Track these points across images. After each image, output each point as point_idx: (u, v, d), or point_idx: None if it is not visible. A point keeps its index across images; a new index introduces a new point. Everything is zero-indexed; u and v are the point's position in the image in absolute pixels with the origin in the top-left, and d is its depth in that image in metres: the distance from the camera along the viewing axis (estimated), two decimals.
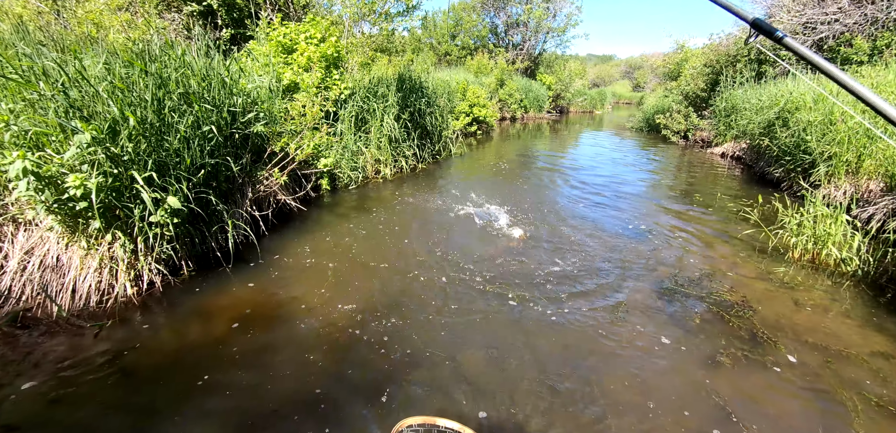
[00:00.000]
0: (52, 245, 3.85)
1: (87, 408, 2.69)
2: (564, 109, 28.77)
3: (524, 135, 16.74)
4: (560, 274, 4.62)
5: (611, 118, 26.95)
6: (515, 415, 2.67)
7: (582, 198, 7.61)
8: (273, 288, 4.16)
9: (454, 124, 11.73)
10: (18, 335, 3.40)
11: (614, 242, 5.59)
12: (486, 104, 15.55)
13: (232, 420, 2.63)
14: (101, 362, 3.09)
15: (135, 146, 3.69)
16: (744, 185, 8.80)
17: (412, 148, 9.12)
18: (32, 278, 3.78)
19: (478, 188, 8.18)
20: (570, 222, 6.27)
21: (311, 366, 3.11)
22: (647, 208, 7.14)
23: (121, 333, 3.42)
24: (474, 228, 5.84)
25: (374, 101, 8.06)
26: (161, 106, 3.94)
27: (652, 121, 17.48)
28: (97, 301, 3.80)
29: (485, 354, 3.31)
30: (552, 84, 25.44)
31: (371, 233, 5.57)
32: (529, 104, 22.29)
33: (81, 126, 3.33)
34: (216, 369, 3.05)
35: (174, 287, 4.10)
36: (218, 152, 4.55)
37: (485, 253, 5.03)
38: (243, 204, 5.09)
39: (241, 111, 5.02)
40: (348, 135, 7.69)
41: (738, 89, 12.01)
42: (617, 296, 4.21)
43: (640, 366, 3.22)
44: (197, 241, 4.47)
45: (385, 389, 2.92)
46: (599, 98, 33.09)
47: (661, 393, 2.97)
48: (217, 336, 3.41)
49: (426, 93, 9.43)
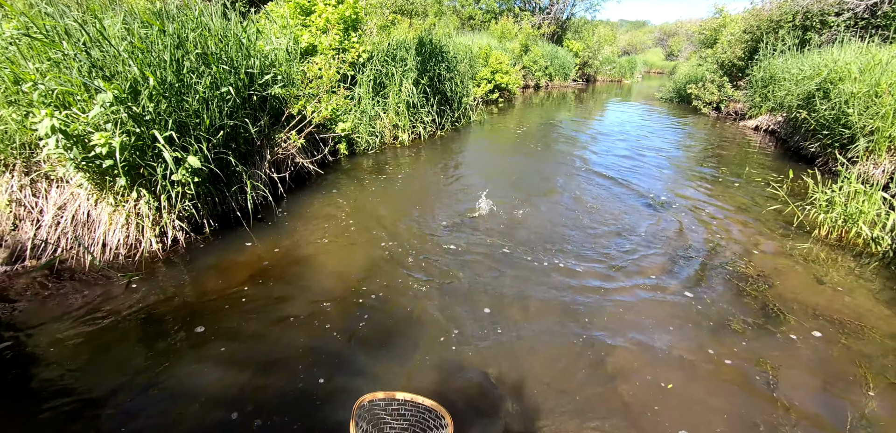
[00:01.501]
0: (82, 201, 4.04)
1: (118, 349, 2.89)
2: (591, 78, 27.83)
3: (547, 103, 16.35)
4: (575, 239, 4.58)
5: (640, 88, 25.97)
6: (518, 376, 2.71)
7: (604, 167, 7.43)
8: (289, 247, 4.28)
9: (475, 91, 11.53)
10: (55, 283, 3.63)
11: (634, 211, 5.49)
12: (508, 71, 15.19)
13: (247, 365, 2.78)
14: (130, 310, 3.29)
15: (155, 106, 3.79)
16: (775, 159, 8.43)
17: (431, 114, 9.04)
18: (66, 232, 4.00)
19: (497, 156, 8.10)
20: (590, 191, 6.17)
21: (322, 320, 3.23)
22: (670, 179, 6.94)
23: (148, 285, 3.61)
24: (490, 195, 5.81)
25: (393, 65, 7.98)
26: (179, 66, 4.01)
27: (683, 91, 16.76)
28: (126, 255, 4.01)
29: (491, 315, 3.35)
30: (579, 51, 24.54)
31: (387, 197, 5.62)
32: (554, 72, 21.64)
33: (104, 85, 3.43)
34: (234, 319, 3.20)
35: (196, 244, 4.27)
36: (236, 114, 4.63)
37: (499, 219, 5.02)
38: (262, 166, 5.20)
39: (258, 73, 5.06)
40: (366, 99, 7.68)
41: (778, 58, 11.34)
42: (631, 263, 4.17)
43: (648, 331, 3.20)
44: (217, 201, 4.62)
45: (392, 343, 3.02)
46: (629, 67, 31.77)
47: (668, 359, 2.96)
48: (235, 290, 3.56)
49: (446, 58, 9.27)
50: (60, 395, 2.53)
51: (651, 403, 2.59)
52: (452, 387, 2.66)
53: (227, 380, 2.67)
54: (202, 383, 2.64)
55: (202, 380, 2.67)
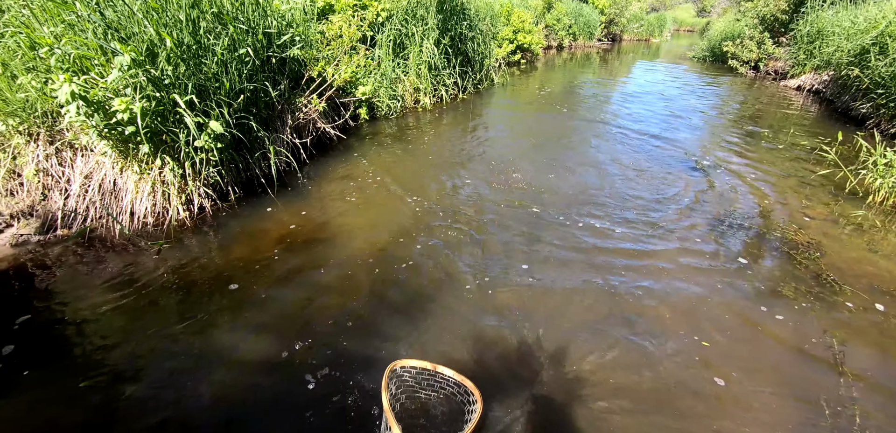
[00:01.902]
0: (107, 170, 4.01)
1: (150, 317, 2.88)
2: (617, 37, 26.57)
3: (571, 64, 15.71)
4: (608, 201, 4.38)
5: (669, 47, 24.71)
6: (553, 341, 2.59)
7: (637, 129, 7.09)
8: (314, 212, 4.21)
9: (497, 52, 11.08)
10: (86, 252, 3.63)
11: (666, 174, 5.23)
12: (531, 30, 14.56)
13: (275, 332, 2.75)
14: (161, 278, 3.27)
15: (174, 69, 3.67)
16: (821, 121, 7.90)
17: (453, 76, 8.73)
18: (94, 201, 3.99)
19: (522, 118, 7.81)
20: (622, 152, 5.89)
21: (351, 284, 3.18)
22: (704, 141, 6.58)
23: (177, 253, 3.59)
24: (513, 159, 5.59)
25: (413, 24, 7.66)
26: (195, 27, 3.86)
27: (718, 49, 15.83)
28: (154, 223, 3.99)
29: (521, 280, 3.24)
30: (605, 8, 23.36)
31: (410, 161, 5.46)
32: (578, 31, 20.69)
33: (120, 48, 3.32)
34: (262, 286, 3.17)
35: (222, 211, 4.22)
36: (256, 77, 4.49)
37: (525, 182, 4.83)
38: (284, 131, 5.09)
39: (276, 33, 4.88)
40: (386, 61, 7.42)
41: (827, 10, 10.50)
42: (670, 226, 3.97)
43: (689, 297, 3.04)
44: (241, 168, 4.54)
45: (421, 307, 2.95)
46: (658, 24, 30.16)
47: (711, 324, 2.81)
48: (262, 256, 3.51)
49: (468, 15, 8.86)
50: (95, 363, 2.53)
51: (690, 362, 2.45)
52: (484, 351, 2.56)
53: (259, 346, 2.64)
54: (234, 350, 2.62)
55: (234, 346, 2.64)
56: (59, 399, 2.32)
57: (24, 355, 2.58)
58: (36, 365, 2.52)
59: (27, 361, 2.54)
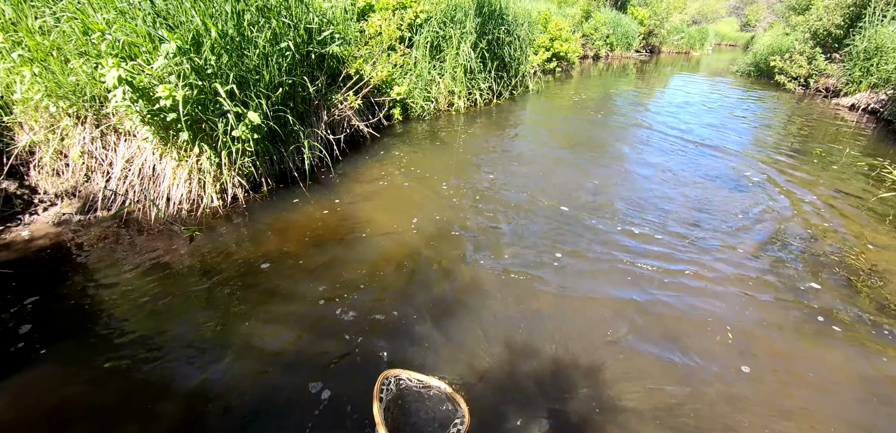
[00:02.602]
0: (148, 155, 4.09)
1: (180, 301, 2.88)
2: (656, 49, 25.90)
3: (607, 74, 15.36)
4: (643, 212, 4.17)
5: (710, 61, 23.88)
6: (582, 355, 2.43)
7: (673, 140, 6.79)
8: (345, 208, 4.17)
9: (533, 59, 10.92)
10: (123, 233, 3.70)
11: (709, 187, 4.96)
12: (568, 38, 14.32)
13: (298, 325, 2.71)
14: (192, 263, 3.29)
15: (217, 59, 3.71)
16: (879, 142, 7.38)
17: (488, 80, 8.63)
18: (133, 184, 4.08)
19: (557, 125, 7.62)
20: (658, 163, 5.64)
21: (379, 283, 3.11)
22: (750, 157, 6.24)
23: (208, 239, 3.61)
24: (549, 166, 5.43)
25: (451, 27, 7.60)
26: (240, 19, 3.90)
27: (763, 63, 15.15)
28: (188, 209, 4.04)
29: (552, 287, 3.10)
30: (645, 19, 22.82)
31: (440, 163, 5.38)
32: (616, 41, 20.27)
33: (167, 35, 3.37)
34: (288, 278, 3.13)
35: (255, 201, 4.25)
36: (295, 71, 4.51)
37: (561, 191, 4.66)
38: (319, 126, 5.10)
39: (316, 29, 4.90)
40: (422, 62, 7.39)
41: (888, 26, 9.87)
42: (711, 242, 3.73)
43: (736, 322, 2.81)
44: (275, 160, 4.57)
45: (447, 310, 2.86)
46: (699, 37, 29.26)
47: (758, 349, 2.59)
48: (291, 249, 3.49)
49: (506, 21, 8.76)
50: (121, 344, 2.53)
51: (731, 390, 2.24)
52: (512, 360, 2.42)
53: (281, 338, 2.60)
54: (259, 340, 2.58)
55: (259, 336, 2.61)
56: (82, 378, 2.33)
57: (56, 331, 2.62)
58: (65, 341, 2.55)
59: (57, 338, 2.57)
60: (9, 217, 3.80)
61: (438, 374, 2.27)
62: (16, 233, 3.62)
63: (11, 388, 2.26)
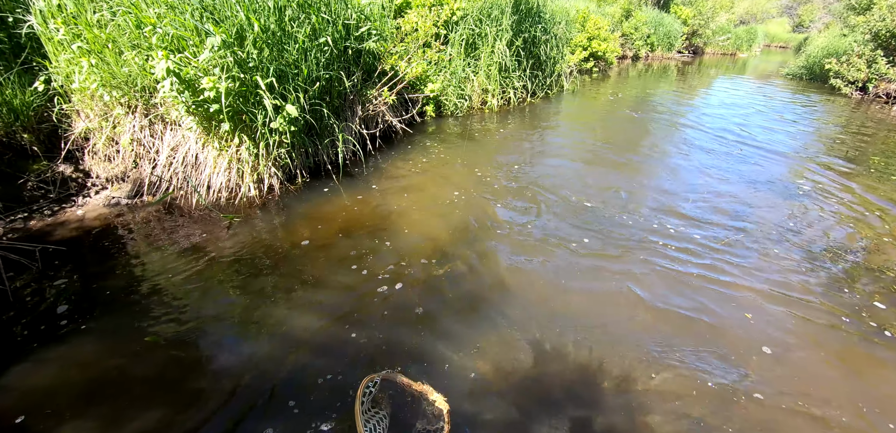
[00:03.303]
0: (191, 144, 4.26)
1: (216, 285, 2.99)
2: (699, 50, 24.87)
3: (647, 75, 14.87)
4: (682, 215, 4.00)
5: (757, 63, 22.71)
6: (614, 362, 2.35)
7: (714, 144, 6.49)
8: (376, 202, 4.22)
9: (569, 58, 10.69)
10: (166, 218, 3.88)
11: (752, 194, 4.72)
12: (606, 37, 13.95)
13: (328, 313, 2.76)
14: (229, 249, 3.41)
15: (259, 53, 3.82)
16: None
17: (523, 79, 8.52)
18: (177, 172, 4.26)
19: (593, 127, 7.44)
20: (697, 167, 5.40)
21: (408, 278, 3.12)
22: (800, 163, 5.89)
23: (245, 227, 3.73)
24: (582, 164, 5.30)
25: (487, 24, 7.55)
26: (282, 14, 4.00)
27: (817, 67, 14.28)
28: (227, 198, 4.18)
29: (584, 288, 3.03)
30: (689, 19, 21.95)
31: (474, 161, 5.35)
32: (657, 41, 19.59)
33: (213, 29, 3.49)
34: (319, 268, 3.20)
35: (290, 192, 4.35)
36: (332, 66, 4.59)
37: (595, 190, 4.54)
38: (353, 120, 5.17)
39: (354, 25, 4.97)
40: (457, 59, 7.37)
41: None
42: (751, 253, 3.54)
43: (777, 336, 2.65)
44: (310, 153, 4.67)
45: (475, 307, 2.85)
46: (747, 38, 27.84)
47: (804, 364, 2.43)
48: (323, 239, 3.56)
49: (543, 18, 8.62)
50: (161, 321, 2.65)
51: (776, 407, 2.11)
52: (539, 363, 2.37)
53: (310, 325, 2.66)
54: (289, 325, 2.65)
55: (289, 321, 2.68)
56: (123, 351, 2.46)
57: (102, 306, 2.76)
58: (109, 316, 2.69)
59: (102, 312, 2.72)
60: (64, 198, 4.05)
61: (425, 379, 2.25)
62: (70, 213, 3.85)
63: (59, 357, 2.40)
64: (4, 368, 2.33)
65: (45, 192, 4.05)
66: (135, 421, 2.06)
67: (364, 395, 2.01)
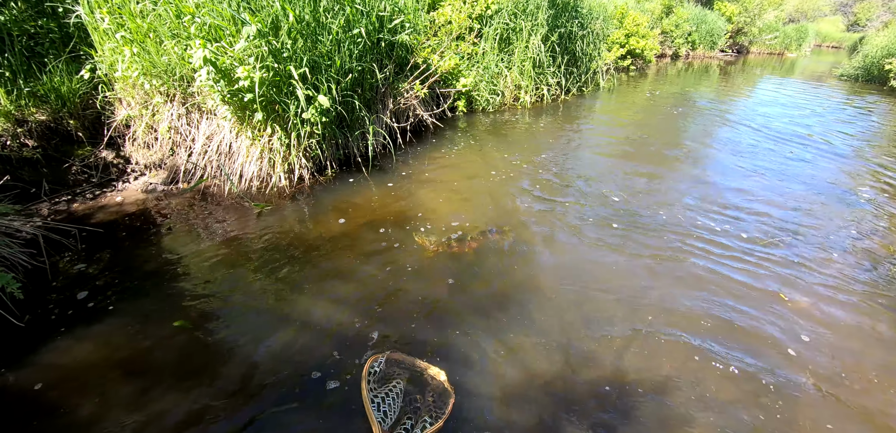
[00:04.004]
0: (225, 133, 4.32)
1: (246, 271, 3.00)
2: (743, 49, 23.70)
3: (687, 75, 14.26)
4: (724, 221, 3.74)
5: (807, 64, 21.45)
6: (645, 369, 2.19)
7: (760, 145, 6.10)
8: (405, 195, 4.16)
9: (606, 56, 10.35)
10: (200, 204, 3.94)
11: (804, 200, 4.39)
12: (646, 35, 13.46)
13: (352, 305, 2.73)
14: (259, 237, 3.42)
15: (293, 43, 3.82)
16: None
17: (557, 75, 8.30)
18: (211, 160, 4.33)
19: (626, 124, 7.15)
20: (743, 169, 5.07)
21: (431, 271, 3.06)
22: (856, 169, 5.45)
23: (274, 216, 3.74)
24: (617, 163, 5.07)
25: (522, 19, 7.37)
26: (316, 4, 3.98)
27: (875, 67, 13.34)
28: (258, 187, 4.22)
29: (617, 295, 2.86)
30: (733, 16, 20.94)
31: (505, 157, 5.22)
32: (699, 39, 18.78)
33: (249, 18, 3.50)
34: (346, 259, 3.17)
35: (319, 183, 4.35)
36: (365, 58, 4.56)
37: (630, 189, 4.32)
38: (384, 113, 5.13)
39: (387, 17, 4.92)
40: (490, 54, 7.23)
41: None
42: (803, 261, 3.26)
43: (830, 354, 2.41)
44: (340, 144, 4.66)
45: (502, 306, 2.74)
46: (796, 37, 26.28)
47: (859, 397, 2.19)
48: (352, 231, 3.53)
49: (580, 14, 8.36)
50: (189, 305, 2.67)
51: None
52: (566, 369, 2.23)
53: (335, 316, 2.62)
54: (312, 314, 2.63)
55: (312, 311, 2.66)
56: (153, 333, 2.48)
57: (135, 288, 2.81)
58: (142, 298, 2.73)
59: (135, 294, 2.76)
60: (105, 183, 4.17)
61: (427, 358, 2.32)
62: (110, 198, 3.97)
63: (95, 335, 2.45)
64: (38, 341, 2.39)
65: (88, 176, 4.19)
66: (158, 402, 2.07)
67: (370, 374, 2.10)
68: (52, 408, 2.04)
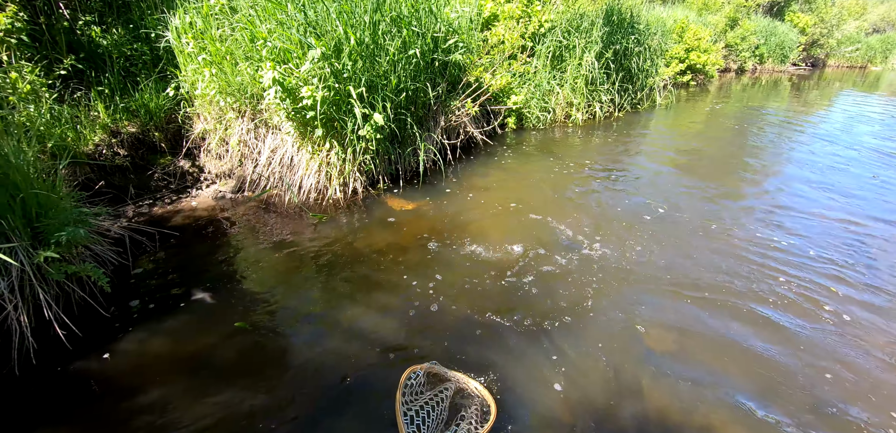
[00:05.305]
0: (288, 147, 4.62)
1: (301, 278, 3.21)
2: (819, 62, 22.02)
3: (753, 91, 13.45)
4: (787, 252, 3.51)
5: (894, 78, 19.51)
6: (694, 411, 2.10)
7: (834, 168, 5.64)
8: (453, 211, 4.26)
9: (663, 71, 10.00)
10: (262, 213, 4.24)
11: (884, 227, 4.01)
12: (707, 49, 12.86)
13: (399, 317, 2.84)
14: (316, 246, 3.64)
15: (353, 64, 4.04)
16: None
17: (610, 92, 8.13)
18: (274, 171, 4.64)
19: (684, 146, 6.87)
20: (812, 198, 4.71)
21: (478, 289, 3.12)
22: None
23: (330, 227, 3.96)
24: (671, 184, 4.89)
25: (575, 36, 7.31)
26: (376, 28, 4.20)
27: None
28: (315, 198, 4.47)
29: (670, 327, 2.77)
30: (808, 27, 19.52)
31: (554, 177, 5.19)
32: (768, 52, 17.67)
33: (315, 42, 3.76)
34: (397, 272, 3.30)
35: (371, 197, 4.54)
36: (419, 77, 4.73)
37: (685, 212, 4.15)
38: (435, 130, 5.27)
39: (442, 38, 5.07)
40: (542, 72, 7.23)
41: None
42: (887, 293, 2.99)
43: None
44: (392, 160, 4.84)
45: (549, 332, 2.73)
46: (881, 48, 23.98)
47: None
48: (401, 245, 3.66)
49: (637, 29, 8.16)
50: (250, 308, 2.89)
51: None
52: (612, 398, 2.19)
53: (382, 327, 2.75)
54: (362, 324, 2.77)
55: (362, 321, 2.79)
56: (215, 332, 2.70)
57: (202, 288, 3.07)
58: (207, 298, 2.98)
59: (202, 293, 3.02)
60: (182, 190, 4.59)
61: (470, 373, 2.35)
62: (186, 203, 4.36)
63: (165, 330, 2.72)
64: (119, 331, 2.68)
65: (167, 183, 4.62)
66: (215, 397, 2.26)
67: (406, 385, 2.13)
68: (124, 392, 2.29)
